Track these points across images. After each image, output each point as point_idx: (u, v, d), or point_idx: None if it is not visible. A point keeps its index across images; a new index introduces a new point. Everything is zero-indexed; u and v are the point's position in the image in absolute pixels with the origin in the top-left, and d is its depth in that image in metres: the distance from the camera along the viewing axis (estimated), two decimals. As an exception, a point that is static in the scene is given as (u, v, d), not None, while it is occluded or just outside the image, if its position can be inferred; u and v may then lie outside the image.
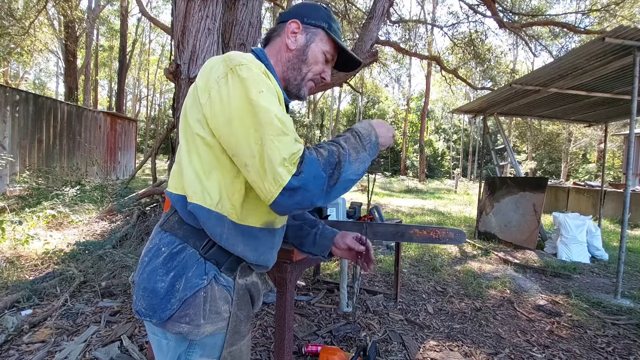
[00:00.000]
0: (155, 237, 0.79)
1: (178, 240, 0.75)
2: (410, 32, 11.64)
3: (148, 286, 0.72)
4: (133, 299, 0.78)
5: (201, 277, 0.73)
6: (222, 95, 0.68)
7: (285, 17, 0.89)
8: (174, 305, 0.71)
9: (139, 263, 0.79)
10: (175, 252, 0.74)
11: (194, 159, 0.74)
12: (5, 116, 6.37)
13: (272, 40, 0.91)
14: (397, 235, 1.67)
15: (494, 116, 6.22)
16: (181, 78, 3.24)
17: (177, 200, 0.77)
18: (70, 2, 10.54)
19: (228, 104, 0.67)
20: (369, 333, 2.28)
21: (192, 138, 0.74)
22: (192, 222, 0.75)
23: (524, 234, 4.94)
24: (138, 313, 0.75)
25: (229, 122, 0.67)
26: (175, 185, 0.79)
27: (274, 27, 0.93)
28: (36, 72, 31.26)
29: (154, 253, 0.76)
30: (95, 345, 1.92)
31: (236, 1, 3.53)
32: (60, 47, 17.20)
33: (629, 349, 2.25)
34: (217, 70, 0.71)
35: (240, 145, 0.66)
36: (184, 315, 0.72)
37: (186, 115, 0.75)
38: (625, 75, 3.99)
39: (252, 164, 0.66)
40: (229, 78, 0.69)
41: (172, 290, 0.71)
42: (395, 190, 16.01)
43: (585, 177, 20.66)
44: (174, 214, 0.79)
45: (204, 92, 0.71)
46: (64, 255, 3.31)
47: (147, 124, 32.35)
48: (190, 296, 0.72)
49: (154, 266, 0.74)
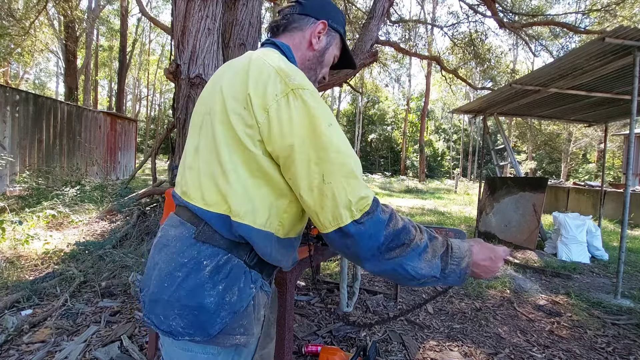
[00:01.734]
0: (188, 249, 0.71)
1: (222, 251, 0.70)
2: (410, 32, 11.64)
3: (191, 303, 0.67)
4: (152, 318, 0.71)
5: (250, 286, 0.72)
6: (282, 118, 0.64)
7: (311, 11, 0.86)
8: (225, 319, 0.68)
9: (161, 278, 0.71)
10: (222, 264, 0.69)
11: (243, 174, 0.68)
12: (5, 116, 6.37)
13: (289, 31, 0.86)
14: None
15: (494, 116, 6.22)
16: (181, 78, 3.24)
17: (214, 217, 0.70)
18: (70, 2, 10.54)
19: (290, 131, 0.64)
20: (369, 333, 2.28)
21: (241, 151, 0.68)
22: (232, 237, 0.71)
23: (524, 234, 4.94)
24: (172, 334, 0.68)
25: (290, 149, 0.64)
26: (210, 200, 0.71)
27: (291, 16, 0.87)
28: (36, 72, 31.29)
29: (193, 267, 0.69)
30: (95, 345, 1.92)
31: (236, 1, 3.53)
32: (60, 47, 17.21)
33: (629, 349, 2.25)
34: (274, 87, 0.66)
35: (299, 175, 0.64)
36: (238, 326, 0.70)
37: (231, 124, 0.68)
38: (625, 75, 3.99)
39: (309, 196, 0.64)
40: (290, 100, 0.65)
41: (222, 303, 0.68)
42: (395, 190, 16.01)
43: (585, 177, 20.67)
44: (207, 226, 0.71)
45: (261, 110, 0.65)
46: (64, 255, 3.31)
47: (147, 124, 32.37)
48: (245, 306, 0.70)
49: (198, 281, 0.67)
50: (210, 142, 0.71)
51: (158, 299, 0.69)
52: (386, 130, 35.56)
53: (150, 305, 0.71)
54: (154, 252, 0.78)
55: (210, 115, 0.73)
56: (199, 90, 3.23)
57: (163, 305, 0.69)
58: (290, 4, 0.89)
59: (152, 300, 0.71)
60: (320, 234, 0.85)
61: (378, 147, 36.28)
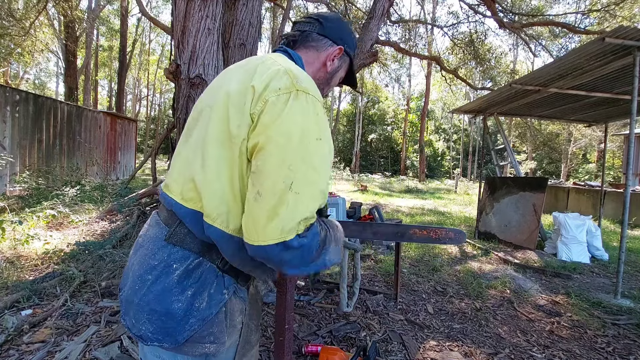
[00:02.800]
0: (159, 252, 0.68)
1: (193, 255, 0.68)
2: (410, 32, 11.64)
3: (159, 308, 0.64)
4: (127, 321, 0.69)
5: (222, 291, 0.69)
6: (276, 110, 0.62)
7: (330, 34, 0.87)
8: (194, 326, 0.65)
9: (134, 281, 0.69)
10: (192, 268, 0.67)
11: (223, 174, 0.65)
12: (5, 116, 6.37)
13: (305, 47, 0.87)
14: (397, 235, 1.67)
15: (494, 116, 6.22)
16: (181, 78, 3.24)
17: (189, 214, 0.68)
18: (70, 2, 10.54)
19: (279, 125, 0.61)
20: (369, 333, 2.28)
21: (227, 148, 0.65)
22: (205, 238, 0.68)
23: (524, 234, 4.94)
24: (142, 338, 0.66)
25: (269, 141, 0.60)
26: (187, 195, 0.68)
27: (310, 32, 0.87)
28: (36, 72, 31.27)
29: (163, 270, 0.66)
30: (95, 345, 1.92)
31: (236, 1, 3.53)
32: (60, 47, 17.21)
33: (629, 349, 2.25)
34: (279, 82, 0.65)
35: (266, 172, 0.60)
36: (207, 334, 0.67)
37: (227, 118, 0.65)
38: (625, 75, 3.99)
39: (266, 198, 0.58)
40: (291, 98, 0.63)
41: (190, 309, 0.65)
42: (395, 190, 16.01)
43: (585, 177, 20.67)
44: (181, 226, 0.69)
45: (260, 100, 0.63)
46: (64, 255, 3.31)
47: (147, 124, 32.36)
48: (215, 313, 0.67)
49: (165, 285, 0.65)
50: (201, 134, 0.69)
51: (131, 301, 0.68)
52: (386, 130, 35.55)
53: (125, 306, 0.70)
54: (132, 252, 0.76)
55: (210, 108, 0.71)
56: (199, 90, 3.23)
57: (134, 309, 0.67)
58: (309, 21, 0.89)
59: (126, 301, 0.69)
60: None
61: (378, 147, 36.28)
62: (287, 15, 5.34)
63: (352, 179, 20.29)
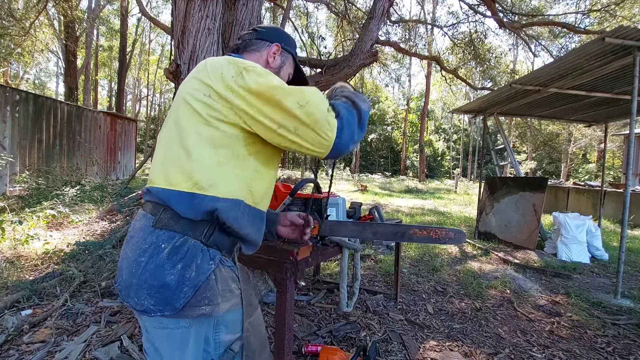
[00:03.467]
0: (149, 236, 0.79)
1: (178, 234, 0.78)
2: (410, 32, 11.64)
3: (155, 283, 0.75)
4: (130, 301, 0.79)
5: (209, 262, 0.79)
6: (248, 87, 0.77)
7: (265, 36, 1.04)
8: (188, 293, 0.76)
9: (130, 265, 0.79)
10: (178, 245, 0.77)
11: (207, 153, 0.78)
12: (5, 116, 6.37)
13: (248, 51, 1.03)
14: (397, 235, 1.67)
15: (494, 116, 6.22)
16: (181, 78, 3.23)
17: (175, 196, 0.78)
18: (70, 2, 10.54)
19: (259, 92, 0.77)
20: (369, 333, 2.28)
21: (206, 132, 0.78)
22: (192, 215, 0.78)
23: (524, 234, 4.94)
24: (145, 312, 0.76)
25: (266, 103, 0.76)
26: (173, 180, 0.79)
27: (249, 39, 1.04)
28: (36, 72, 31.25)
29: (153, 251, 0.77)
30: (95, 345, 1.92)
31: (236, 1, 3.53)
32: (60, 47, 17.21)
33: (629, 349, 2.25)
34: (228, 71, 0.80)
35: (286, 115, 0.76)
36: (202, 298, 0.77)
37: (197, 111, 0.79)
38: (625, 75, 3.99)
39: (302, 125, 0.76)
40: (244, 74, 0.78)
41: (182, 280, 0.75)
42: (395, 190, 16.01)
43: (585, 177, 20.66)
44: (165, 212, 0.80)
45: (226, 90, 0.78)
46: (64, 255, 3.31)
47: (147, 124, 32.34)
48: (204, 280, 0.77)
49: (157, 263, 0.76)
50: (173, 128, 0.82)
51: (130, 284, 0.78)
52: (386, 130, 35.54)
53: (125, 291, 0.79)
54: (124, 245, 0.87)
55: (175, 105, 0.85)
56: (199, 90, 3.23)
57: (135, 289, 0.77)
58: (248, 32, 1.06)
59: (125, 286, 0.79)
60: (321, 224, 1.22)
61: (378, 147, 36.27)
62: (287, 15, 5.34)
63: (352, 179, 20.29)
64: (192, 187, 0.77)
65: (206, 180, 0.77)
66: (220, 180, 0.78)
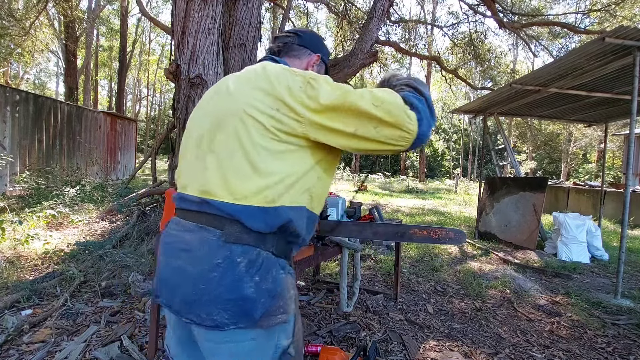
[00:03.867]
0: (219, 251, 0.76)
1: (251, 247, 0.78)
2: (410, 32, 11.65)
3: (232, 296, 0.74)
4: (191, 317, 0.76)
5: (280, 272, 0.81)
6: (319, 97, 0.76)
7: (307, 43, 1.05)
8: (266, 304, 0.76)
9: (195, 281, 0.76)
10: (254, 258, 0.77)
11: (274, 167, 0.78)
12: (5, 116, 6.37)
13: (288, 56, 1.02)
14: (397, 235, 1.67)
15: (494, 116, 6.22)
16: (181, 78, 3.24)
17: (244, 211, 0.77)
18: (70, 2, 10.54)
19: (331, 100, 0.76)
20: (369, 333, 2.28)
21: (274, 146, 0.78)
22: (263, 228, 0.78)
23: (524, 234, 4.94)
24: (218, 327, 0.74)
25: (341, 110, 0.76)
26: (239, 194, 0.77)
27: (291, 44, 1.03)
28: (36, 72, 31.26)
29: (228, 266, 0.75)
30: (95, 345, 1.92)
31: (236, 1, 3.53)
32: (61, 47, 17.21)
33: (629, 349, 2.25)
34: (296, 82, 0.79)
35: (364, 118, 0.76)
36: (277, 307, 0.78)
37: (262, 124, 0.77)
38: (625, 75, 3.99)
39: (382, 124, 0.75)
40: (313, 84, 0.78)
41: (260, 291, 0.76)
42: (395, 190, 16.01)
43: (585, 177, 20.65)
44: (232, 225, 0.78)
45: (297, 103, 0.77)
46: (64, 255, 3.31)
47: (147, 124, 32.35)
48: (279, 290, 0.79)
49: (235, 277, 0.75)
50: (233, 143, 0.79)
51: (195, 300, 0.75)
52: (386, 130, 35.43)
53: (186, 307, 0.77)
54: (170, 258, 0.82)
55: (227, 111, 0.81)
56: (199, 90, 3.23)
57: (204, 304, 0.74)
58: (289, 35, 1.04)
59: (187, 302, 0.77)
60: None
61: (378, 147, 36.17)
62: (287, 15, 5.34)
63: (352, 179, 20.30)
64: (262, 202, 0.77)
65: (275, 193, 0.77)
66: (288, 191, 0.79)
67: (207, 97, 0.95)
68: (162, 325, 2.13)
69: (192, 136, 0.90)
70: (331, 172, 0.91)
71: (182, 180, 0.91)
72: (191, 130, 0.93)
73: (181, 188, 0.91)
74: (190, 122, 0.96)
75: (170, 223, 0.90)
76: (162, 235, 0.91)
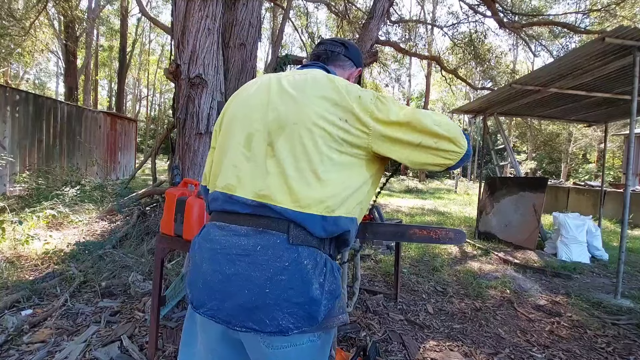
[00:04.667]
0: (287, 253, 0.76)
1: (315, 249, 0.79)
2: (410, 32, 11.65)
3: (301, 299, 0.74)
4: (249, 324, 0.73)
5: (336, 274, 0.82)
6: (389, 112, 0.81)
7: (353, 56, 1.09)
8: (328, 305, 0.77)
9: (260, 285, 0.74)
10: (319, 260, 0.78)
11: (337, 178, 0.80)
12: (5, 116, 6.37)
13: (334, 65, 1.05)
14: (397, 235, 1.67)
15: (494, 116, 6.22)
16: (181, 78, 3.23)
17: (307, 218, 0.78)
18: (70, 2, 10.54)
19: (400, 116, 0.81)
20: (369, 333, 2.28)
21: (338, 157, 0.80)
22: (324, 234, 0.80)
23: (524, 234, 4.94)
24: (282, 332, 0.72)
25: (407, 124, 0.80)
26: (303, 202, 0.77)
27: (338, 53, 1.06)
28: (36, 72, 31.23)
29: (295, 268, 0.75)
30: (95, 345, 1.92)
31: (236, 1, 3.53)
32: (61, 47, 17.21)
33: (629, 349, 2.25)
34: (367, 95, 0.83)
35: (428, 131, 0.80)
36: (337, 308, 0.81)
37: (330, 134, 0.79)
38: (625, 75, 3.99)
39: (443, 139, 0.80)
40: (381, 100, 0.83)
41: (324, 292, 0.77)
42: (395, 190, 16.01)
43: (586, 177, 20.64)
44: (296, 228, 0.78)
45: (365, 114, 0.80)
46: (64, 255, 3.31)
47: (147, 124, 32.33)
48: (339, 291, 0.81)
49: (305, 279, 0.75)
50: (298, 150, 0.79)
51: (258, 305, 0.73)
52: (386, 130, 35.42)
53: (243, 314, 0.74)
54: (221, 265, 0.78)
55: (297, 125, 0.80)
56: (199, 90, 3.23)
57: (268, 309, 0.73)
58: (336, 44, 1.08)
59: (246, 309, 0.74)
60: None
61: (378, 147, 36.17)
62: (287, 15, 5.34)
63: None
64: (323, 211, 0.78)
65: (335, 203, 0.79)
66: (345, 202, 0.81)
67: (250, 93, 0.91)
68: (162, 325, 2.13)
69: (237, 134, 0.87)
70: (376, 185, 0.94)
71: (225, 180, 0.85)
72: (233, 127, 0.89)
73: (223, 188, 0.85)
74: (232, 118, 0.92)
75: (210, 228, 0.85)
76: (199, 241, 0.86)
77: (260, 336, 0.75)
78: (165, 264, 2.89)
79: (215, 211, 0.88)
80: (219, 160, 0.92)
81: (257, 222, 0.79)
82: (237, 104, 0.93)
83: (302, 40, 9.88)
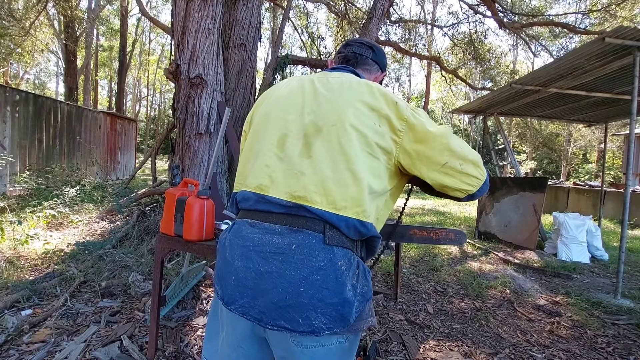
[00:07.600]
0: (322, 253, 0.75)
1: (349, 251, 0.79)
2: (410, 32, 11.65)
3: (335, 300, 0.73)
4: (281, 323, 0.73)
5: (367, 277, 0.82)
6: (422, 122, 0.83)
7: (379, 60, 1.08)
8: (359, 307, 0.77)
9: (295, 284, 0.73)
10: (352, 261, 0.79)
11: (370, 180, 0.80)
12: (5, 116, 6.37)
13: (362, 68, 1.04)
14: (397, 236, 1.67)
15: (494, 116, 6.22)
16: (181, 78, 3.24)
17: (343, 220, 0.78)
18: (70, 2, 10.54)
19: (433, 124, 0.84)
20: (369, 333, 2.28)
21: (371, 162, 0.81)
22: (357, 237, 0.81)
23: (524, 234, 4.94)
24: (314, 332, 0.72)
25: (439, 139, 0.81)
26: (339, 204, 0.78)
27: (366, 57, 1.05)
28: (36, 72, 31.23)
29: (330, 268, 0.74)
30: (95, 345, 1.92)
31: (236, 1, 3.53)
32: (61, 47, 17.20)
33: (629, 349, 2.25)
34: (403, 105, 0.85)
35: (455, 152, 0.81)
36: (367, 310, 0.81)
37: (366, 139, 0.80)
38: (625, 75, 3.99)
39: (465, 163, 0.82)
40: (417, 110, 0.86)
41: (356, 294, 0.76)
42: (395, 190, 15.99)
43: (585, 177, 20.64)
44: (331, 229, 0.78)
45: (400, 120, 0.82)
46: (64, 255, 3.31)
47: (147, 124, 32.33)
48: (371, 294, 0.81)
49: (339, 279, 0.74)
50: (336, 152, 0.79)
51: (292, 304, 0.73)
52: (386, 130, 35.38)
53: (276, 312, 0.74)
54: (254, 263, 0.77)
55: (334, 127, 0.80)
56: (199, 90, 3.23)
57: (302, 308, 0.73)
58: (363, 47, 1.06)
59: (280, 307, 0.73)
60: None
61: (378, 147, 36.13)
62: (287, 15, 5.34)
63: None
64: (359, 215, 0.78)
65: (370, 209, 0.80)
66: (373, 208, 0.82)
67: (282, 94, 0.91)
68: (162, 325, 2.13)
69: (269, 135, 0.86)
70: (393, 203, 0.92)
71: (258, 181, 0.84)
72: (265, 128, 0.88)
73: (255, 188, 0.84)
74: (264, 119, 0.91)
75: (242, 225, 0.84)
76: (230, 238, 0.85)
77: (290, 334, 0.75)
78: (165, 264, 2.90)
79: (245, 209, 0.87)
80: (247, 160, 0.91)
81: (292, 221, 0.79)
82: (268, 105, 0.92)
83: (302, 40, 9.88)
